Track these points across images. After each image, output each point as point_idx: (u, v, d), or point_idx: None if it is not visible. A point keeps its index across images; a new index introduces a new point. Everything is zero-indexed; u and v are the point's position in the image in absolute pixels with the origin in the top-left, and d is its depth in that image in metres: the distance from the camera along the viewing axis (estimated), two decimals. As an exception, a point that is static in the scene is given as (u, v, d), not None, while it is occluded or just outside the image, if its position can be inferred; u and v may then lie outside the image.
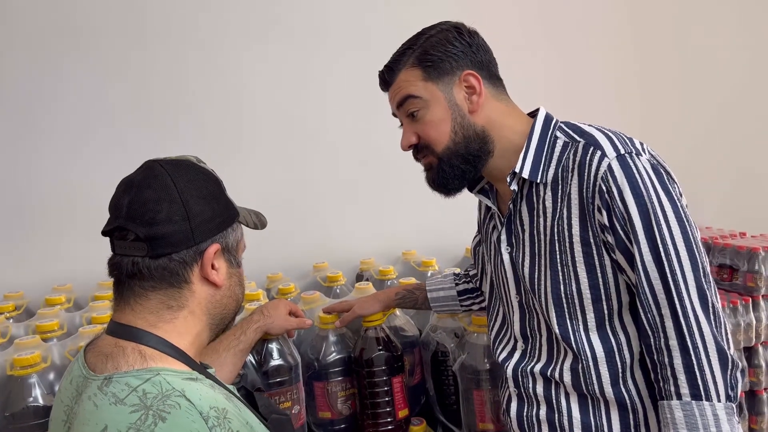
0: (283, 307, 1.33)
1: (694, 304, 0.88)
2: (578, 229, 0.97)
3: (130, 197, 0.82)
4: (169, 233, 0.81)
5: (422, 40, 1.04)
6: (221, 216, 0.87)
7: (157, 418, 0.69)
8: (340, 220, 2.08)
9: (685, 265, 0.89)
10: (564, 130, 1.03)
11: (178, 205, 0.82)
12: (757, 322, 1.86)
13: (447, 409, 1.49)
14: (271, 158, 1.99)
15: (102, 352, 0.80)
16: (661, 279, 0.90)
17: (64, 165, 1.80)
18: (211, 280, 0.85)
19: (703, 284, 0.89)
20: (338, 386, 1.41)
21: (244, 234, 0.95)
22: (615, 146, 0.95)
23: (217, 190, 0.89)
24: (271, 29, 1.99)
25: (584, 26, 2.40)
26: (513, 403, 1.11)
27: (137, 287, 0.82)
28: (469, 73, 1.03)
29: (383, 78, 1.09)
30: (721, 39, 2.65)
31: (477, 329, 1.38)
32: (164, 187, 0.82)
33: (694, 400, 0.87)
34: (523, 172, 1.02)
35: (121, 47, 1.84)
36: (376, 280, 1.79)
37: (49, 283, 1.73)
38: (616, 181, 0.93)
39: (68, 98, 1.79)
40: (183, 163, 0.87)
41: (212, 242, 0.85)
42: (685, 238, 0.90)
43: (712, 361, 0.87)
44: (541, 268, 1.02)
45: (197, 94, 1.92)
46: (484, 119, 1.04)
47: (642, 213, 0.91)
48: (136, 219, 0.80)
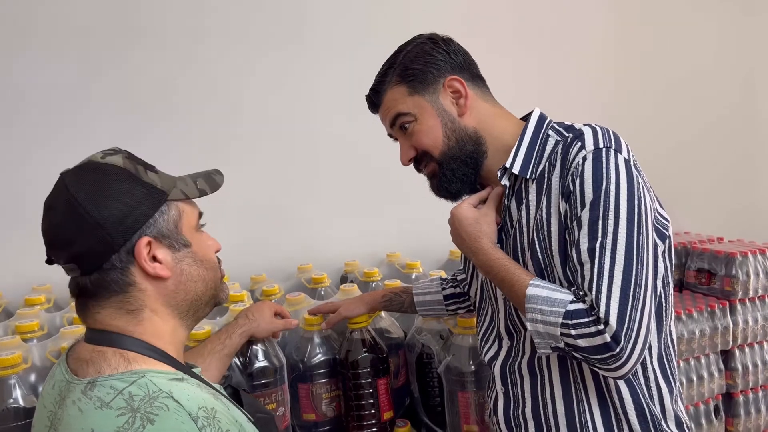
0: (268, 309, 1.32)
1: (611, 311, 0.86)
2: (556, 219, 0.98)
3: (46, 225, 0.81)
4: (87, 248, 0.78)
5: (401, 56, 1.07)
6: (139, 207, 0.81)
7: (146, 421, 0.68)
8: (324, 221, 2.08)
9: (616, 274, 0.88)
10: (556, 129, 1.05)
11: (84, 218, 0.78)
12: (734, 325, 1.90)
13: (431, 410, 1.50)
14: (255, 160, 1.98)
15: (82, 358, 0.79)
16: (591, 276, 0.89)
17: (42, 164, 1.77)
18: (153, 274, 0.82)
19: (629, 296, 0.88)
20: (323, 388, 1.40)
21: (194, 205, 0.90)
22: (596, 140, 0.96)
23: (125, 185, 0.82)
24: (255, 31, 1.99)
25: (563, 30, 2.43)
26: (500, 402, 1.12)
27: (90, 303, 0.82)
28: (452, 78, 1.05)
29: (371, 101, 1.12)
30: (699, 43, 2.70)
31: (462, 331, 1.38)
32: (66, 205, 0.79)
33: (564, 315, 0.89)
34: (514, 167, 1.03)
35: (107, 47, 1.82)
36: (361, 282, 1.79)
37: (28, 283, 1.70)
38: (582, 172, 0.94)
39: (44, 93, 1.77)
40: (84, 168, 0.83)
41: (138, 237, 0.81)
42: (627, 247, 0.89)
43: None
44: (526, 261, 1.03)
45: (181, 96, 1.90)
46: (474, 120, 1.07)
47: (593, 206, 0.91)
48: (55, 245, 0.80)
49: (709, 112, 2.74)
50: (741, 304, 1.92)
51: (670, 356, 1.05)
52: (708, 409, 1.87)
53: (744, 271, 1.90)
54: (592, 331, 0.87)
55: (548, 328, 0.91)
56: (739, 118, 2.83)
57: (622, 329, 0.86)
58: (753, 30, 2.81)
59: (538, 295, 0.93)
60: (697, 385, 1.84)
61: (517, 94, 1.28)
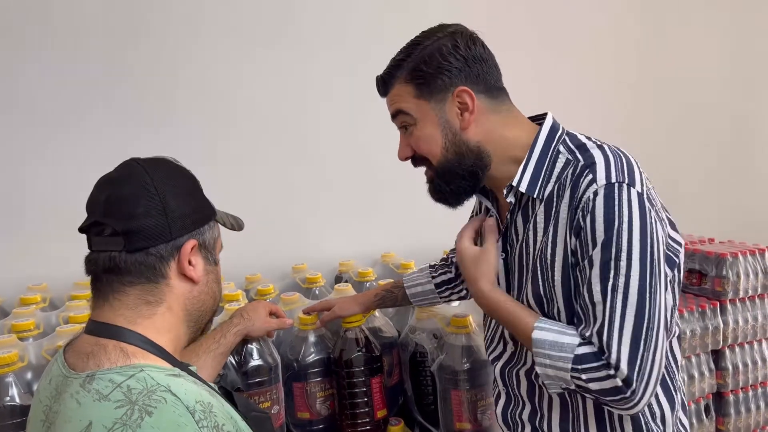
0: (263, 308, 1.33)
1: (622, 357, 0.85)
2: (561, 249, 0.95)
3: (107, 193, 0.83)
4: (146, 227, 0.81)
5: (416, 51, 1.01)
6: (198, 213, 0.88)
7: (144, 413, 0.69)
8: (319, 221, 2.09)
9: (628, 318, 0.86)
10: (567, 146, 1.00)
11: (156, 200, 0.83)
12: (725, 325, 1.91)
13: (425, 409, 1.51)
14: (250, 160, 1.99)
15: (82, 351, 0.80)
16: (602, 319, 0.87)
17: (39, 164, 1.78)
18: (189, 275, 0.86)
19: (640, 341, 0.86)
20: (317, 387, 1.41)
21: (221, 234, 0.95)
22: (608, 173, 0.92)
23: (193, 188, 0.90)
24: (251, 32, 1.99)
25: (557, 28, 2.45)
26: (501, 400, 1.14)
27: (115, 282, 0.83)
28: (463, 89, 0.99)
29: (379, 87, 1.08)
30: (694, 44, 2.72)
31: (455, 330, 1.40)
32: (141, 183, 0.83)
33: (573, 360, 0.88)
34: (521, 185, 0.99)
35: (103, 46, 1.82)
36: (355, 282, 1.80)
37: (24, 282, 1.71)
38: (594, 209, 0.90)
39: (44, 95, 1.77)
40: (161, 161, 0.89)
41: (189, 238, 0.86)
42: (640, 290, 0.87)
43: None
44: (527, 280, 1.01)
45: (177, 97, 1.91)
46: (478, 134, 1.01)
47: (605, 246, 0.89)
48: (113, 214, 0.81)
49: (701, 114, 2.76)
50: (731, 305, 1.93)
51: (672, 371, 1.05)
52: (699, 409, 1.89)
53: (734, 271, 1.92)
54: (603, 375, 0.86)
55: (558, 373, 0.90)
56: (731, 119, 2.85)
57: (633, 373, 0.85)
58: (748, 31, 2.84)
59: (544, 340, 0.91)
60: (687, 385, 1.86)
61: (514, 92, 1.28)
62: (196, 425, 0.71)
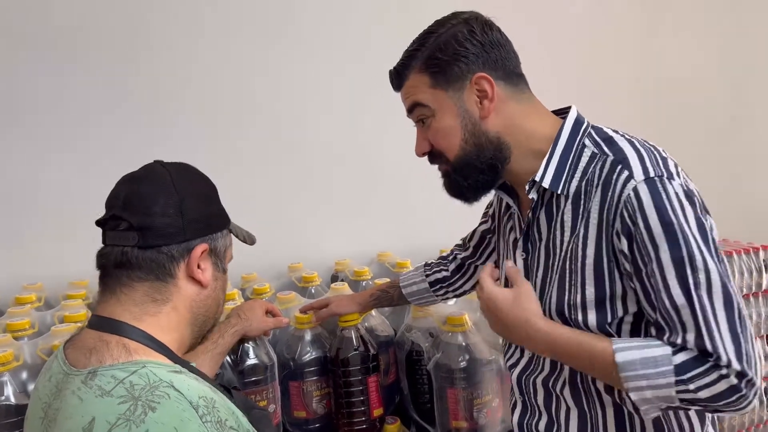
0: (259, 308, 1.33)
1: (728, 351, 0.79)
2: (593, 251, 0.90)
3: (128, 190, 0.85)
4: (162, 225, 0.83)
5: (431, 40, 0.96)
6: (213, 219, 0.91)
7: (147, 408, 0.69)
8: (315, 221, 2.08)
9: (719, 312, 0.81)
10: (593, 139, 0.95)
11: (174, 200, 0.85)
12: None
13: (421, 407, 1.51)
14: (245, 159, 1.99)
15: (85, 346, 0.80)
16: (694, 322, 0.81)
17: (34, 164, 1.77)
18: (197, 278, 0.87)
19: (738, 332, 0.80)
20: (313, 386, 1.41)
21: (232, 245, 0.97)
22: (645, 167, 0.88)
23: (211, 195, 0.93)
24: (245, 29, 1.99)
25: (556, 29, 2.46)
26: (517, 409, 1.10)
27: (124, 277, 0.84)
28: (481, 75, 0.94)
29: (392, 80, 1.03)
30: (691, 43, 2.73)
31: (451, 329, 1.40)
32: (162, 183, 0.86)
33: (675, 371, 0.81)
34: (544, 181, 0.94)
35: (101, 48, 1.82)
36: (351, 281, 1.80)
37: (19, 281, 1.70)
38: (642, 206, 0.85)
39: (40, 96, 1.77)
40: (183, 165, 0.92)
41: (201, 242, 0.87)
42: (722, 282, 0.81)
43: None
44: (552, 283, 0.96)
45: (173, 96, 1.91)
46: (498, 124, 0.96)
47: (672, 246, 0.83)
48: (131, 209, 0.83)
49: (697, 113, 2.77)
50: (726, 303, 1.95)
51: None
52: (693, 406, 1.90)
53: (729, 270, 1.93)
54: (714, 378, 0.79)
55: (659, 392, 0.81)
56: (727, 119, 2.87)
57: (743, 365, 0.79)
58: (743, 30, 2.85)
59: (633, 360, 0.82)
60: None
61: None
62: (200, 420, 0.71)
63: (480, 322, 1.49)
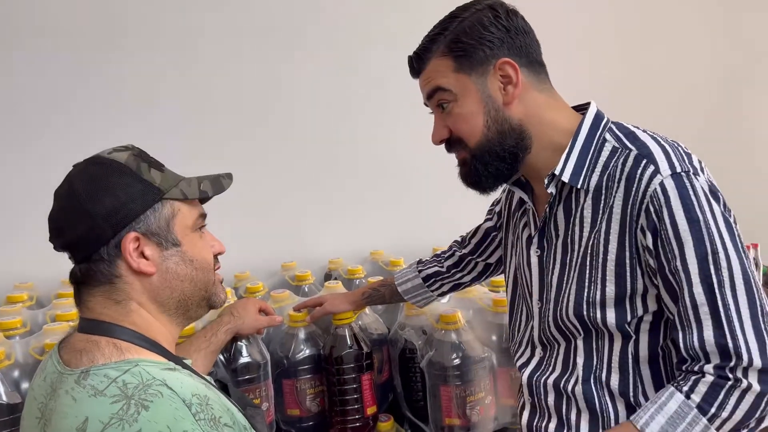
0: (252, 306, 1.33)
1: (751, 348, 0.79)
2: (615, 246, 0.89)
3: (49, 214, 0.86)
4: (77, 238, 0.83)
5: (454, 24, 0.94)
6: (132, 203, 0.84)
7: (140, 407, 0.69)
8: (308, 219, 2.09)
9: (743, 309, 0.80)
10: (614, 133, 0.94)
11: (77, 209, 0.82)
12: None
13: (414, 405, 1.51)
14: (239, 158, 1.98)
15: (75, 347, 0.80)
16: (714, 319, 0.81)
17: (24, 163, 1.76)
18: (136, 269, 0.83)
19: (762, 329, 0.80)
20: (307, 384, 1.42)
21: (195, 206, 0.92)
22: (671, 162, 0.86)
23: (123, 180, 0.84)
24: (242, 29, 1.99)
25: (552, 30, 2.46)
26: (525, 412, 1.08)
27: (83, 290, 0.86)
28: (505, 61, 0.92)
29: (412, 65, 1.00)
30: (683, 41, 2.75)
31: (444, 326, 1.40)
32: (66, 196, 0.85)
33: (699, 411, 0.80)
34: (564, 175, 0.93)
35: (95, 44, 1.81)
36: (345, 280, 1.80)
37: (11, 280, 1.70)
38: (669, 202, 0.84)
39: (32, 95, 1.76)
40: (90, 162, 0.87)
41: (126, 231, 0.83)
42: (745, 278, 0.81)
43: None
44: (570, 280, 0.95)
45: (171, 93, 1.90)
46: (521, 112, 0.95)
47: (697, 243, 0.82)
48: (53, 232, 0.85)
49: (691, 113, 2.79)
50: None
51: None
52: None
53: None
54: (743, 389, 0.79)
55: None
56: (721, 119, 2.88)
57: (764, 362, 0.78)
58: (735, 28, 2.87)
59: (662, 428, 0.81)
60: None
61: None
62: (193, 418, 0.71)
63: (473, 319, 1.49)
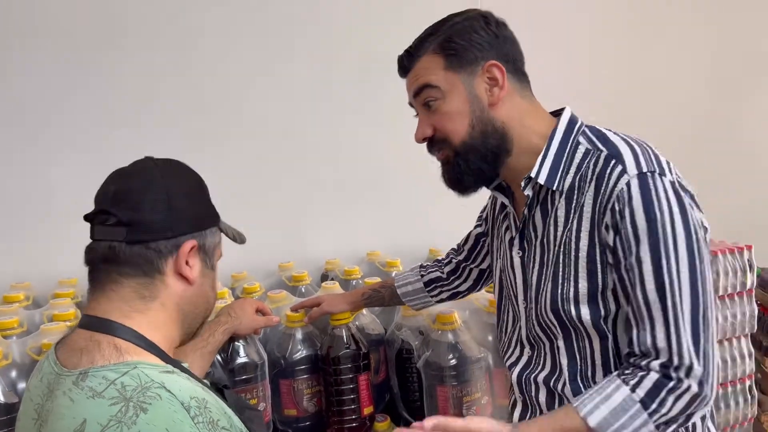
0: (249, 306, 1.33)
1: (692, 352, 0.84)
2: (586, 243, 0.93)
3: (118, 185, 0.85)
4: (150, 221, 0.83)
5: (446, 26, 0.99)
6: (202, 216, 0.90)
7: (138, 410, 0.69)
8: (305, 220, 2.09)
9: (686, 312, 0.84)
10: (587, 136, 0.98)
11: (162, 196, 0.85)
12: (705, 322, 1.95)
13: (411, 405, 1.52)
14: (236, 159, 1.99)
15: (76, 346, 0.80)
16: (664, 319, 0.85)
17: (22, 163, 1.76)
18: (184, 274, 0.86)
19: (699, 334, 0.84)
20: (304, 384, 1.42)
21: (222, 243, 0.96)
22: (638, 162, 0.90)
23: (201, 192, 0.93)
24: (240, 29, 1.99)
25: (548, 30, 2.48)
26: (517, 409, 1.10)
27: (113, 273, 0.83)
28: (493, 63, 0.97)
29: (402, 63, 1.03)
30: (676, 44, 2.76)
31: (441, 327, 1.41)
32: (151, 179, 0.85)
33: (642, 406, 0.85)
34: (540, 177, 0.97)
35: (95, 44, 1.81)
36: (342, 280, 1.81)
37: (7, 280, 1.69)
38: (631, 201, 0.87)
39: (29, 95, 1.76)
40: (174, 162, 0.92)
41: (190, 238, 0.87)
42: (691, 281, 0.85)
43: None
44: (547, 278, 0.99)
45: (169, 91, 1.90)
46: (504, 115, 0.98)
47: (652, 243, 0.86)
48: (120, 204, 0.83)
49: (683, 114, 2.80)
50: (712, 302, 1.97)
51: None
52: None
53: (714, 269, 1.95)
54: (683, 390, 0.84)
55: (642, 430, 0.85)
56: (713, 120, 2.90)
57: (701, 366, 0.84)
58: (728, 32, 2.88)
59: (605, 417, 0.84)
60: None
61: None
62: (192, 421, 0.71)
63: (469, 320, 1.50)
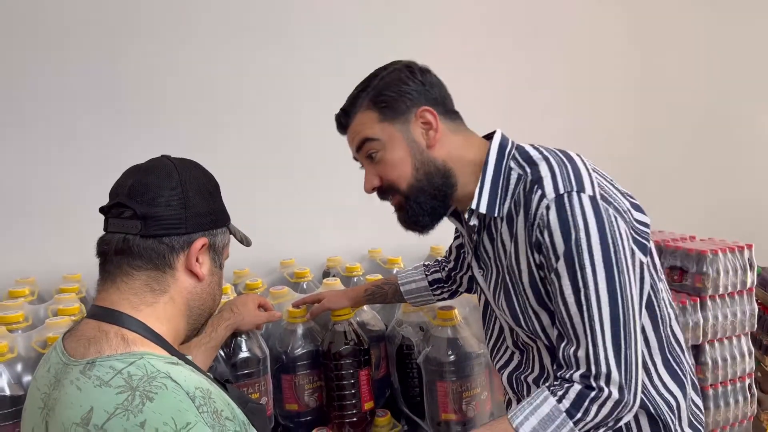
0: (252, 302, 1.35)
1: (611, 362, 0.89)
2: (525, 265, 0.99)
3: (134, 179, 0.87)
4: (165, 216, 0.85)
5: (375, 81, 1.05)
6: (215, 215, 0.93)
7: (145, 398, 0.71)
8: (307, 217, 2.10)
9: (606, 325, 0.89)
10: (517, 161, 1.03)
11: (178, 192, 0.87)
12: (704, 321, 1.95)
13: (411, 401, 1.53)
14: (237, 155, 2.00)
15: (84, 336, 0.81)
16: (583, 333, 0.90)
17: (27, 159, 1.78)
18: (195, 271, 0.89)
19: (621, 344, 0.89)
20: (305, 379, 1.43)
21: (229, 243, 0.99)
22: (555, 184, 0.95)
23: (215, 192, 0.96)
24: (238, 28, 2.00)
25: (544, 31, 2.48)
26: (511, 407, 1.11)
27: (125, 265, 0.85)
28: (425, 109, 1.03)
29: (339, 121, 1.10)
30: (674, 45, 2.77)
31: (441, 323, 1.42)
32: (168, 176, 0.88)
33: (567, 415, 0.89)
34: (480, 207, 1.02)
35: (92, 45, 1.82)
36: (343, 277, 1.82)
37: (12, 275, 1.71)
38: (549, 224, 0.92)
39: (33, 93, 1.77)
40: (189, 161, 0.94)
41: (202, 236, 0.89)
42: (610, 292, 0.89)
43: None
44: (502, 296, 1.05)
45: (169, 89, 1.92)
46: (443, 153, 1.04)
47: (567, 260, 0.90)
48: (137, 198, 0.85)
49: (683, 113, 2.81)
50: (711, 301, 1.97)
51: (678, 354, 1.06)
52: (679, 402, 1.93)
53: (714, 268, 1.96)
54: (602, 401, 0.89)
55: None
56: (712, 118, 2.90)
57: (622, 378, 0.88)
58: (726, 33, 2.89)
59: (534, 428, 0.90)
60: (668, 379, 1.90)
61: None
62: (197, 410, 0.72)
63: (469, 316, 1.51)
